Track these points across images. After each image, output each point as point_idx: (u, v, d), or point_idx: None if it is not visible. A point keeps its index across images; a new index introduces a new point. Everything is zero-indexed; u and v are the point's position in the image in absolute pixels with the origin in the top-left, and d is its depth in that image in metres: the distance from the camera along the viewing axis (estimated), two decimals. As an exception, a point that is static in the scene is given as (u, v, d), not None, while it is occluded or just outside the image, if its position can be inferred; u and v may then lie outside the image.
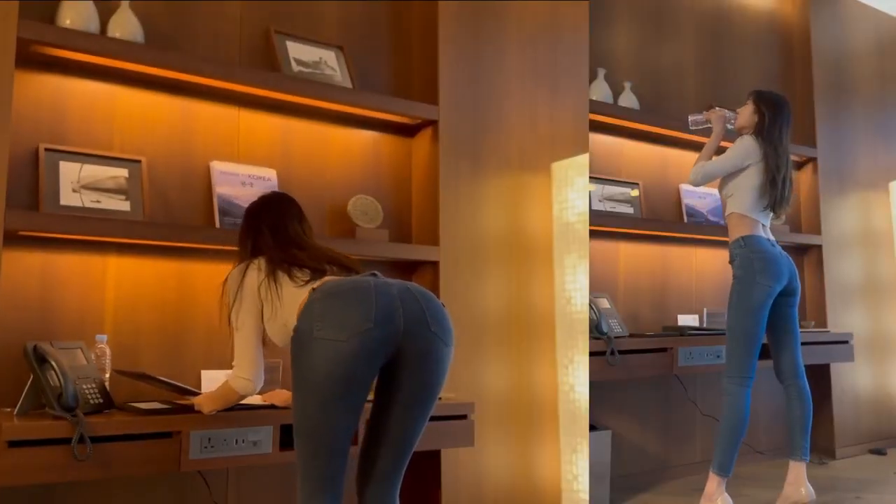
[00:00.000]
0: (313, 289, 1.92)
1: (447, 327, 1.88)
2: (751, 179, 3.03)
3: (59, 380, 2.05)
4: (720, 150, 3.20)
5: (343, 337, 1.74)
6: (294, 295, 2.00)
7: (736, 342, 2.97)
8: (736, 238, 3.03)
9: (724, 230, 3.31)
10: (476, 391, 3.11)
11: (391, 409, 1.89)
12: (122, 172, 2.50)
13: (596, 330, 3.14)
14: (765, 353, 3.72)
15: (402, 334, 1.80)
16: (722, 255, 3.26)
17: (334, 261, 2.12)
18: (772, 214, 3.10)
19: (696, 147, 3.97)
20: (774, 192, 3.04)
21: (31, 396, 2.10)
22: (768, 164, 3.02)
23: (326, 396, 1.76)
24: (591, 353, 3.07)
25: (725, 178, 3.10)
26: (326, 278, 2.04)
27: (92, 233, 2.34)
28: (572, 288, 3.25)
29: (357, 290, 1.82)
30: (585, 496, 3.10)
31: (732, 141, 3.18)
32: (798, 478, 3.04)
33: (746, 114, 3.14)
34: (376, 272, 1.99)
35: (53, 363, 2.06)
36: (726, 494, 2.95)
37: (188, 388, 2.38)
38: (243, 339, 2.09)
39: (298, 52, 2.88)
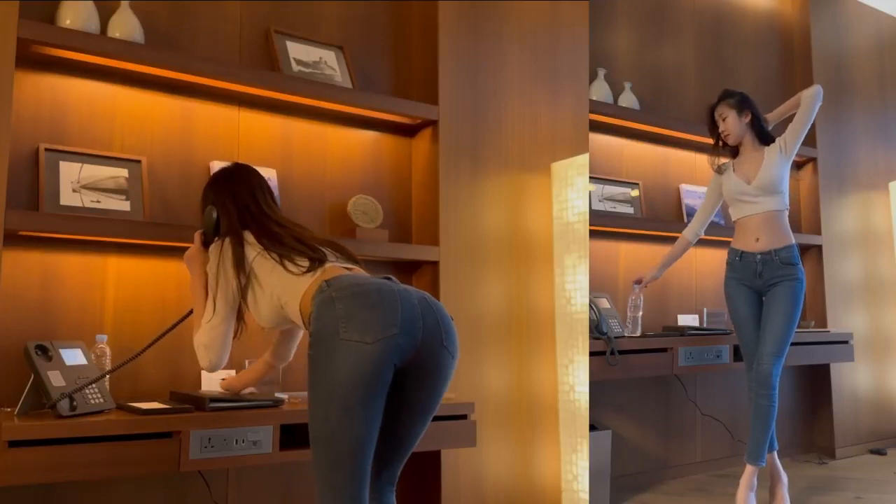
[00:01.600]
0: (325, 281, 1.84)
1: (456, 341, 1.87)
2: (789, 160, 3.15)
3: (60, 380, 2.05)
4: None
5: (369, 340, 1.68)
6: (293, 282, 1.94)
7: (790, 339, 3.03)
8: (795, 244, 3.10)
9: (724, 230, 3.32)
10: (476, 391, 3.11)
11: (397, 419, 1.84)
12: (122, 172, 2.50)
13: (596, 330, 3.14)
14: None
15: (419, 345, 1.77)
16: (722, 255, 3.26)
17: (324, 244, 2.07)
18: None
19: (697, 147, 3.99)
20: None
21: (31, 396, 2.10)
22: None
23: (351, 401, 1.67)
24: (591, 353, 3.07)
25: (784, 174, 3.12)
26: (331, 267, 1.97)
27: (92, 233, 2.34)
28: (572, 288, 3.25)
29: (381, 292, 1.77)
30: (585, 496, 3.10)
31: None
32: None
33: (734, 124, 3.13)
34: (391, 276, 1.93)
35: (55, 363, 2.06)
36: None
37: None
38: (221, 325, 2.06)
39: (298, 52, 2.89)
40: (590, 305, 3.17)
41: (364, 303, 1.73)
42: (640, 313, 3.31)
